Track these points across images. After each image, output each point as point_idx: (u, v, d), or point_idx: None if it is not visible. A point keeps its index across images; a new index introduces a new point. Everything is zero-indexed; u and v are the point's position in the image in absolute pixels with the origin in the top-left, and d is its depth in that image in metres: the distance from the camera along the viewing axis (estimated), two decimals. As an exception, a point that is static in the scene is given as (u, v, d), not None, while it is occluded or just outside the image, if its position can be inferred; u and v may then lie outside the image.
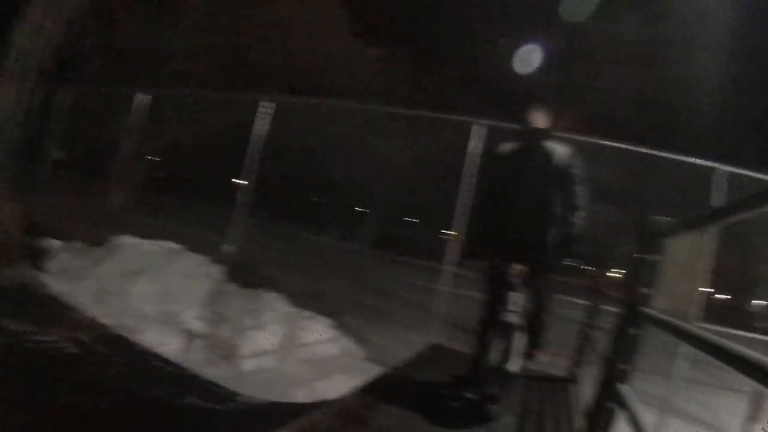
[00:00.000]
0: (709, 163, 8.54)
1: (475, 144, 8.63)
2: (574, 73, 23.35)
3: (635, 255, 3.75)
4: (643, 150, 9.16)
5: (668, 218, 3.65)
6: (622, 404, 3.19)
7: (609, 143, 9.39)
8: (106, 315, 7.09)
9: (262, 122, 10.34)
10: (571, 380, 6.25)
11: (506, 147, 5.40)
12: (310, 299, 9.26)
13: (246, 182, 10.24)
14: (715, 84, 23.92)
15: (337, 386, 6.35)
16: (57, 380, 4.73)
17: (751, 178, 8.35)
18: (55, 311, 6.76)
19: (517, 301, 4.83)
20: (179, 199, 18.51)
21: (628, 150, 9.30)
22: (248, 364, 6.76)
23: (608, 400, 3.50)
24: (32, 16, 8.32)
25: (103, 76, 18.28)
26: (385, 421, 3.93)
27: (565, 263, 5.51)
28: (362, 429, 3.74)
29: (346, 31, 21.46)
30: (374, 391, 4.48)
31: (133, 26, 18.24)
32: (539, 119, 5.36)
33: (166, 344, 6.77)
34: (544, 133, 5.34)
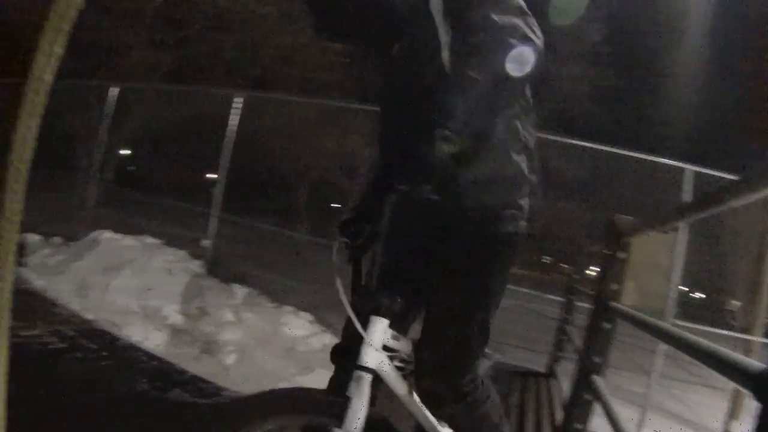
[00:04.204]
0: (678, 163, 8.67)
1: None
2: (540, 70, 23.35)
3: (604, 252, 3.86)
4: (612, 149, 9.20)
5: (633, 217, 3.76)
6: (598, 396, 3.30)
7: (577, 142, 9.39)
8: (89, 309, 7.11)
9: (234, 117, 10.40)
10: (550, 375, 6.36)
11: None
12: (289, 295, 9.33)
13: (219, 177, 10.29)
14: (684, 84, 24.19)
15: (320, 380, 6.42)
16: (43, 375, 4.72)
17: (720, 178, 8.49)
18: (37, 306, 6.74)
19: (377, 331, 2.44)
20: (152, 193, 18.40)
21: (597, 149, 9.30)
22: (231, 359, 6.79)
23: (585, 392, 3.61)
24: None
25: (71, 69, 18.10)
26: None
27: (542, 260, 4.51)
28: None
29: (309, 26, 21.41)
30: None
31: (99, 19, 18.06)
32: None
33: (150, 339, 6.78)
34: None
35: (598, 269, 4.31)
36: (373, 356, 2.40)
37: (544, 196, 3.27)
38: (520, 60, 2.25)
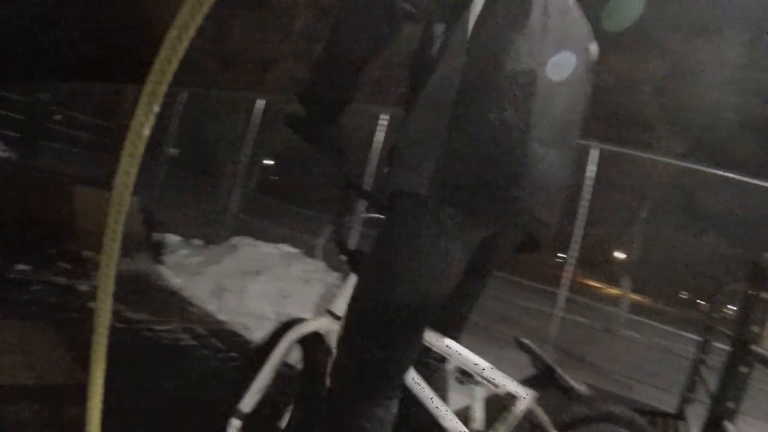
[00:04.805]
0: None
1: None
2: (680, 96, 22.59)
3: (747, 291, 3.73)
4: (758, 182, 8.82)
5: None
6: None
7: (721, 172, 9.06)
8: (223, 311, 7.29)
9: (380, 134, 10.50)
10: (679, 416, 6.17)
11: None
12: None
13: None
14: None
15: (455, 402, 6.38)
16: (170, 369, 4.90)
17: None
18: (173, 303, 6.98)
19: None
20: (294, 203, 18.80)
21: (742, 180, 8.93)
22: (359, 372, 6.83)
23: (714, 437, 3.50)
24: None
25: (222, 80, 18.76)
26: None
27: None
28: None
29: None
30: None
31: (249, 33, 18.63)
32: None
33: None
34: None
35: (738, 309, 4.12)
36: (340, 304, 2.62)
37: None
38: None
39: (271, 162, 19.55)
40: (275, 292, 7.87)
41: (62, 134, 21.64)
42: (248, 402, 2.70)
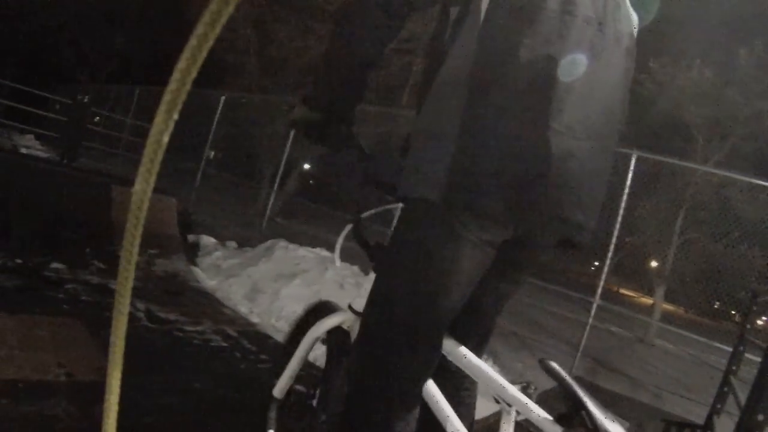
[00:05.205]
0: None
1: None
2: (719, 104, 22.15)
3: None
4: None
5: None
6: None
7: (761, 182, 8.91)
8: (256, 313, 7.36)
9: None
10: (707, 428, 6.11)
11: None
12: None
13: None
14: None
15: (482, 410, 6.36)
16: (200, 369, 4.95)
17: None
18: (206, 305, 6.99)
19: None
20: (330, 207, 18.83)
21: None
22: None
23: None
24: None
25: (264, 85, 18.87)
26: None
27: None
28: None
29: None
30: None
31: (291, 38, 18.73)
32: None
33: (314, 349, 6.89)
34: None
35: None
36: (361, 302, 2.49)
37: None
38: None
39: (309, 166, 19.59)
40: (309, 295, 7.88)
41: (101, 135, 21.97)
42: (280, 389, 3.00)
